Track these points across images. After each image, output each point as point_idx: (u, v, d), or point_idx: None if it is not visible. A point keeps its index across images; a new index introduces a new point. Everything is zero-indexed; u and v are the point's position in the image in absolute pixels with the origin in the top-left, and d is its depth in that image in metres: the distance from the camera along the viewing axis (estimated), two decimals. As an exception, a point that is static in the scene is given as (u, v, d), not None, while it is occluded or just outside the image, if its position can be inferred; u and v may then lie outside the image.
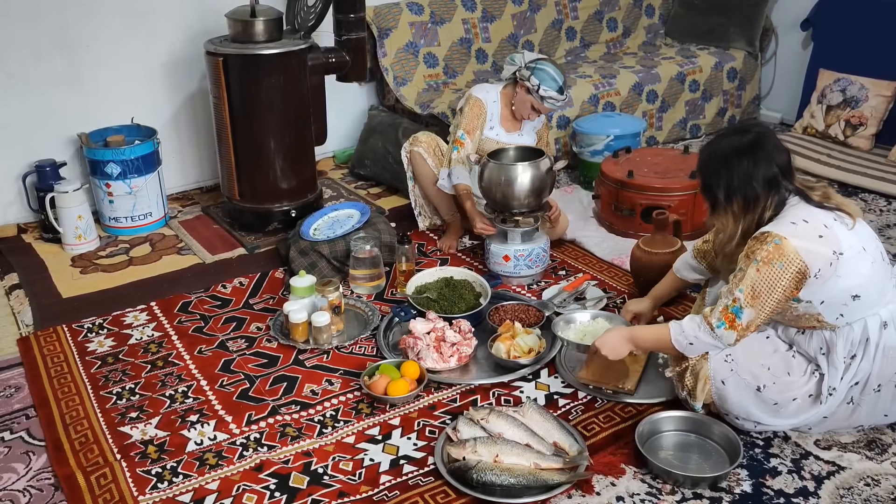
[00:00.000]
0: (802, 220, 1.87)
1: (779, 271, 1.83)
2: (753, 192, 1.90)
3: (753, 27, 4.67)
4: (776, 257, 1.83)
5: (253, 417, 2.23)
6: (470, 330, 2.50)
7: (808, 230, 1.85)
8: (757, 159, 1.89)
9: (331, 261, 2.93)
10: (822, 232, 1.85)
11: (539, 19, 4.52)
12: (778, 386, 1.98)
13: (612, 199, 3.31)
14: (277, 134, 3.26)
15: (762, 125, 1.99)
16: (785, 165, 1.91)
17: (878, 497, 1.90)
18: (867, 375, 1.97)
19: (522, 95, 3.01)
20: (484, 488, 1.90)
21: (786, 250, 1.82)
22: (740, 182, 1.90)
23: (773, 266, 1.83)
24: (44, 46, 3.37)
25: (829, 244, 1.84)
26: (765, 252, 1.85)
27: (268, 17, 3.16)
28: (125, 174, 3.36)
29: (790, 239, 1.83)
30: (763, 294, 1.86)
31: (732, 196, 1.93)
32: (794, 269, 1.83)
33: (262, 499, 1.93)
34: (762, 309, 1.88)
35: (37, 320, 2.77)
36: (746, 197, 1.91)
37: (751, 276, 1.87)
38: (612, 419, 2.18)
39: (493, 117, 3.10)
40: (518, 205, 2.84)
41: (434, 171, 3.11)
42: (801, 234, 1.84)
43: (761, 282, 1.85)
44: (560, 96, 2.95)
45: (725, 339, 1.93)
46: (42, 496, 1.98)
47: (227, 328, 2.68)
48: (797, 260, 1.82)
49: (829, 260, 1.84)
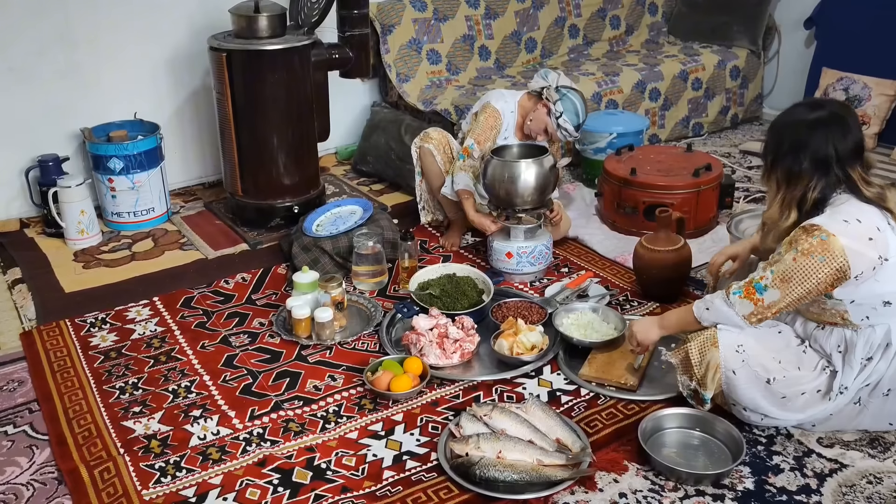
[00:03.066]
0: (856, 220, 1.83)
1: (817, 264, 1.81)
2: (798, 166, 1.85)
3: (757, 25, 4.67)
4: (818, 251, 1.80)
5: (256, 413, 2.23)
6: (473, 326, 2.50)
7: (859, 231, 1.82)
8: (813, 135, 1.84)
9: (333, 257, 2.93)
10: (874, 234, 1.82)
11: (542, 16, 4.51)
12: (788, 380, 1.97)
13: (615, 196, 3.31)
14: (280, 130, 3.26)
15: (841, 105, 1.91)
16: (846, 152, 1.84)
17: (881, 495, 1.90)
18: (879, 378, 1.97)
19: (541, 114, 3.02)
20: (487, 484, 1.90)
21: (831, 247, 1.80)
22: (788, 152, 1.87)
23: (813, 258, 1.81)
24: (47, 41, 3.37)
25: (878, 248, 1.82)
26: (807, 244, 1.82)
27: (271, 13, 3.15)
28: (128, 169, 3.36)
29: (839, 237, 1.80)
30: (794, 281, 1.84)
31: (777, 163, 1.90)
32: (835, 267, 1.81)
33: (265, 494, 1.94)
34: (788, 294, 1.86)
35: (39, 315, 2.77)
36: (790, 169, 1.87)
37: (786, 263, 1.85)
38: (614, 416, 2.18)
39: (508, 127, 3.10)
40: (521, 202, 2.84)
41: (442, 169, 3.10)
42: (851, 233, 1.81)
43: (795, 270, 1.84)
44: (575, 133, 3.01)
45: (739, 308, 1.93)
46: (45, 490, 1.98)
47: (230, 324, 2.69)
48: (841, 258, 1.80)
49: (873, 264, 1.82)
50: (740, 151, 4.30)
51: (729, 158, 4.20)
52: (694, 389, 2.06)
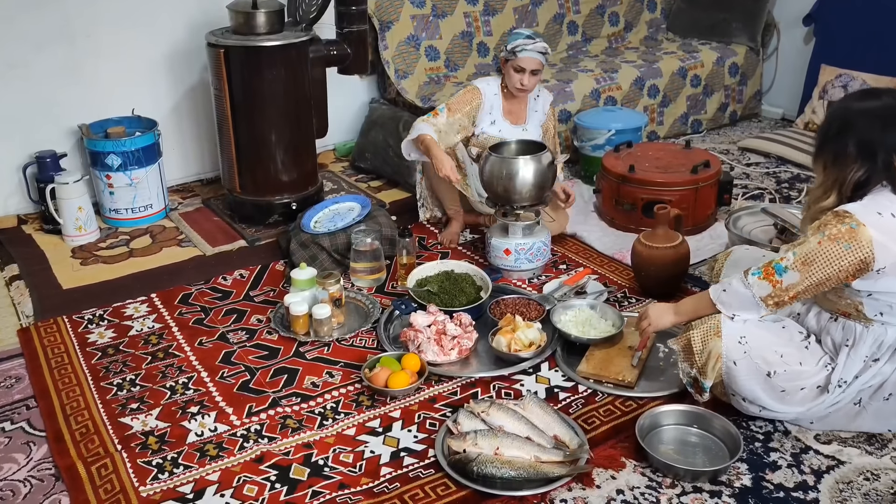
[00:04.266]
0: (890, 214, 1.82)
1: (842, 252, 1.80)
2: (843, 149, 1.85)
3: (755, 22, 4.66)
4: (846, 238, 1.80)
5: (254, 409, 2.23)
6: (471, 323, 2.50)
7: (892, 225, 1.80)
8: (861, 121, 1.85)
9: (331, 254, 2.93)
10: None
11: (541, 13, 4.51)
12: (788, 374, 1.97)
13: (613, 193, 3.31)
14: (278, 126, 3.25)
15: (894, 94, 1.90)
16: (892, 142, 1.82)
17: (878, 491, 1.90)
18: (883, 381, 1.96)
19: (507, 69, 3.02)
20: (484, 481, 1.90)
21: (860, 236, 1.79)
22: (835, 134, 1.87)
23: (839, 245, 1.80)
24: (45, 37, 3.36)
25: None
26: (835, 230, 1.82)
27: (269, 9, 3.15)
28: (126, 166, 3.36)
29: (869, 228, 1.79)
30: (815, 265, 1.83)
31: (825, 145, 1.90)
32: (859, 256, 1.80)
33: (262, 490, 1.94)
34: (808, 278, 1.85)
35: (37, 311, 2.77)
36: (836, 151, 1.87)
37: (810, 246, 1.85)
38: (612, 413, 2.18)
39: (493, 110, 3.09)
40: (519, 198, 2.84)
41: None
42: (883, 226, 1.80)
43: (819, 254, 1.83)
44: (530, 41, 2.93)
45: (756, 290, 1.91)
46: (43, 486, 1.98)
47: (228, 320, 2.68)
48: (868, 249, 1.79)
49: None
50: (739, 148, 4.30)
51: (727, 155, 4.19)
52: (694, 378, 2.06)
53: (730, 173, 3.73)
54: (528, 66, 2.96)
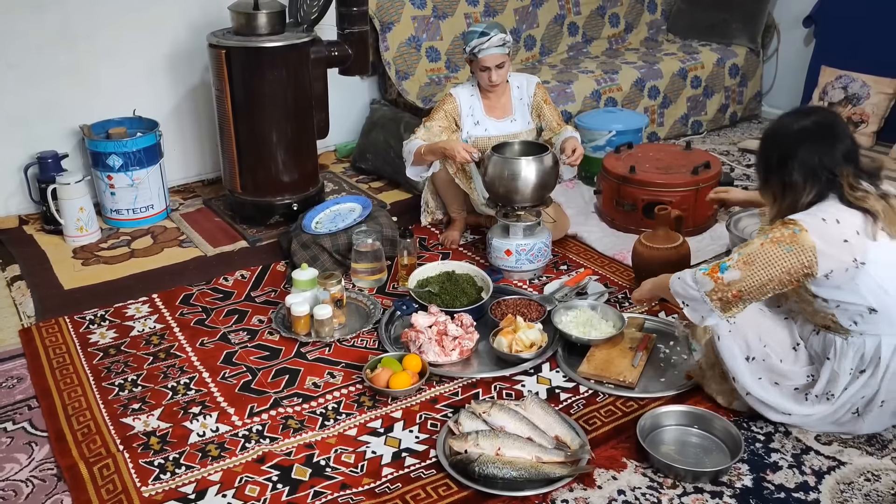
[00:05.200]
0: (835, 220, 1.84)
1: (783, 254, 1.84)
2: (789, 177, 1.89)
3: (756, 23, 4.67)
4: (787, 241, 1.84)
5: (255, 409, 2.23)
6: (472, 324, 2.50)
7: (835, 232, 1.83)
8: (800, 147, 1.88)
9: (332, 254, 2.94)
10: (850, 237, 1.83)
11: (541, 14, 4.51)
12: (766, 364, 2.01)
13: (613, 194, 3.31)
14: (279, 127, 3.26)
15: (827, 113, 1.96)
16: (834, 158, 1.86)
17: (879, 492, 1.90)
18: (874, 392, 1.97)
19: (474, 69, 3.02)
20: (486, 481, 1.90)
21: (801, 241, 1.83)
22: (778, 165, 1.91)
23: (780, 247, 1.85)
24: (46, 38, 3.37)
25: (853, 251, 1.83)
26: (778, 234, 1.86)
27: (271, 10, 3.15)
28: (127, 166, 3.36)
29: (811, 234, 1.83)
30: (756, 265, 1.88)
31: (770, 176, 1.95)
32: (801, 260, 1.83)
33: (264, 490, 1.94)
34: (749, 277, 1.89)
35: (38, 311, 2.77)
36: (783, 180, 1.91)
37: (753, 247, 1.90)
38: (613, 413, 2.18)
39: (474, 111, 3.08)
40: (521, 199, 2.84)
41: (446, 167, 3.08)
42: (826, 233, 1.83)
43: (760, 255, 1.87)
44: (485, 38, 2.88)
45: (701, 284, 1.95)
46: (45, 487, 1.98)
47: (229, 321, 2.69)
48: (809, 254, 1.83)
49: (845, 266, 1.83)
50: (739, 149, 4.31)
51: (728, 156, 4.20)
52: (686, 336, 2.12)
53: (730, 174, 3.74)
54: (491, 63, 2.94)
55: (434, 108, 3.13)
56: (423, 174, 3.08)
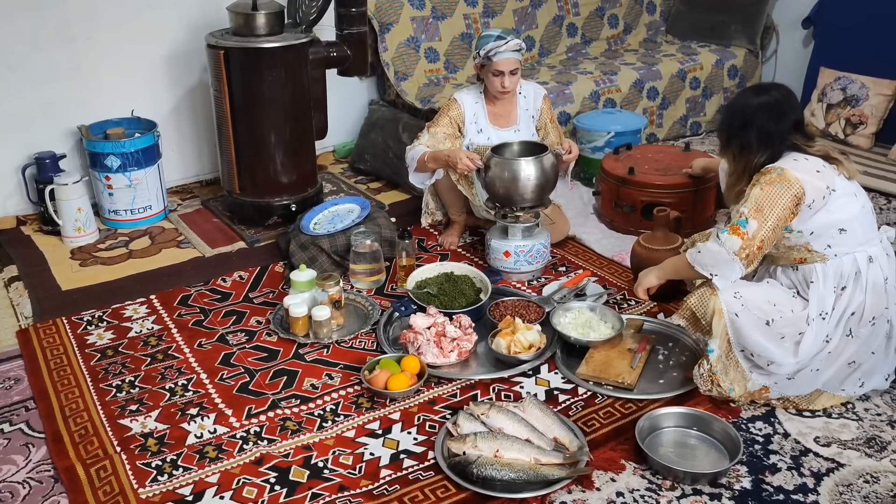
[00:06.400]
0: (804, 158, 2.11)
1: (780, 191, 2.05)
2: (747, 139, 2.14)
3: (755, 25, 4.67)
4: (778, 181, 2.06)
5: (253, 411, 2.23)
6: (470, 325, 2.50)
7: (807, 165, 2.09)
8: (758, 115, 2.13)
9: (331, 255, 2.93)
10: (819, 168, 2.09)
11: (540, 15, 4.51)
12: (785, 320, 2.11)
13: (613, 195, 3.31)
14: (278, 128, 3.25)
15: (782, 88, 2.20)
16: (786, 127, 2.12)
17: (878, 494, 1.90)
18: (862, 306, 2.11)
19: (485, 75, 2.99)
20: (484, 483, 1.90)
21: (787, 176, 2.06)
22: (738, 129, 2.16)
23: (775, 186, 2.06)
24: (44, 39, 3.36)
25: (825, 179, 2.08)
26: (767, 178, 2.08)
27: (269, 11, 3.15)
28: (125, 167, 3.36)
29: (791, 170, 2.07)
30: (766, 208, 2.06)
31: (731, 139, 2.19)
32: (793, 192, 2.05)
33: (262, 492, 1.93)
34: (765, 221, 2.06)
35: (36, 312, 2.76)
36: (742, 142, 2.16)
37: (755, 195, 2.08)
38: (612, 415, 2.18)
39: (478, 118, 3.07)
40: (521, 199, 2.82)
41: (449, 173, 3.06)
42: (800, 167, 2.08)
43: (764, 198, 2.06)
44: (502, 41, 2.86)
45: (729, 245, 2.09)
46: (42, 488, 1.97)
47: (227, 322, 2.68)
48: (797, 185, 2.05)
49: (822, 193, 2.06)
50: (738, 150, 4.30)
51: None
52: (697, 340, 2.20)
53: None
54: (506, 67, 2.91)
55: (438, 114, 3.11)
56: (426, 181, 3.06)
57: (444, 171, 3.01)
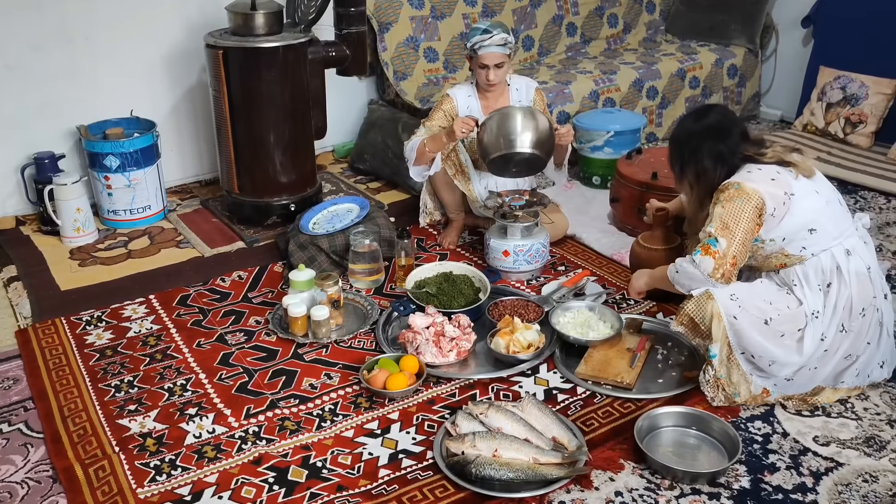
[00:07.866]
0: (757, 169, 2.15)
1: (741, 205, 2.09)
2: (702, 165, 2.20)
3: (754, 24, 4.67)
4: (737, 195, 2.10)
5: (252, 411, 2.23)
6: (469, 325, 2.50)
7: (761, 175, 2.13)
8: (706, 140, 2.19)
9: (330, 255, 2.93)
10: (774, 176, 2.13)
11: (540, 14, 4.51)
12: (782, 317, 2.12)
13: (635, 202, 3.18)
14: (277, 128, 3.25)
15: (719, 109, 2.28)
16: (735, 143, 2.18)
17: (877, 493, 1.90)
18: (849, 299, 2.13)
19: (473, 67, 3.00)
20: (483, 483, 1.90)
21: (745, 189, 2.10)
22: (690, 158, 2.22)
23: (735, 202, 2.10)
24: (43, 38, 3.36)
25: (781, 186, 2.11)
26: (726, 195, 2.12)
27: (268, 11, 3.15)
28: (124, 167, 3.36)
29: (746, 182, 2.11)
30: (731, 224, 2.09)
31: (685, 169, 2.25)
32: (753, 204, 2.08)
33: (260, 492, 1.93)
34: (733, 237, 2.10)
35: (35, 312, 2.76)
36: (696, 170, 2.22)
37: (718, 213, 2.12)
38: (611, 415, 2.18)
39: (471, 111, 3.05)
40: (521, 144, 2.76)
41: (445, 168, 3.07)
42: (755, 178, 2.13)
43: (727, 214, 2.10)
44: (487, 35, 2.87)
45: (703, 266, 2.13)
46: (40, 488, 1.97)
47: (226, 322, 2.68)
48: (756, 196, 2.08)
49: (781, 199, 2.10)
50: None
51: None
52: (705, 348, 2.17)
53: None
54: (491, 61, 2.92)
55: (433, 109, 3.12)
56: (425, 173, 3.07)
57: (442, 165, 3.01)
